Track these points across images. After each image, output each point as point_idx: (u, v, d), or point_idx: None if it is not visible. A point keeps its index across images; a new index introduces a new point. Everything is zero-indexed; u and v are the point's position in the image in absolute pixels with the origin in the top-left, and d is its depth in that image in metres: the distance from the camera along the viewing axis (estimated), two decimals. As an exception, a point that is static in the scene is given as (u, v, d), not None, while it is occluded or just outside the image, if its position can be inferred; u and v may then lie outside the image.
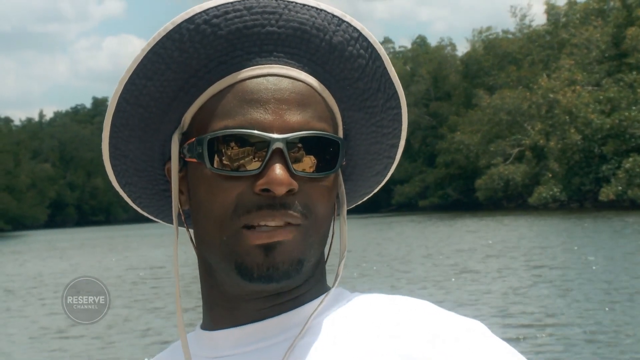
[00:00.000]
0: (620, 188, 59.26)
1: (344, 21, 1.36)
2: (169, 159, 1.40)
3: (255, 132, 1.30)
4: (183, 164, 1.38)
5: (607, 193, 60.36)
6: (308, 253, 1.33)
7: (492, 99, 78.61)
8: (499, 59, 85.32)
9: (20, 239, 77.10)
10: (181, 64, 1.34)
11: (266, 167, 1.29)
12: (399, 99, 1.42)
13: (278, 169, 1.28)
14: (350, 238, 1.46)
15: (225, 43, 1.33)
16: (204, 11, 1.32)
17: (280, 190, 1.28)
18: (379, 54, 1.38)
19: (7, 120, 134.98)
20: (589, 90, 66.30)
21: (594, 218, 46.83)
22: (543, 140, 70.42)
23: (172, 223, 1.45)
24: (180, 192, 1.40)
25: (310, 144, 1.33)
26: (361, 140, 1.44)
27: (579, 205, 65.89)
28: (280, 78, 1.34)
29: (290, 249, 1.30)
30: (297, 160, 1.31)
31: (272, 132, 1.30)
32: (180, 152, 1.38)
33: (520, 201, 74.32)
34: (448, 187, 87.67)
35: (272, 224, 1.30)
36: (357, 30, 1.37)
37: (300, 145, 1.32)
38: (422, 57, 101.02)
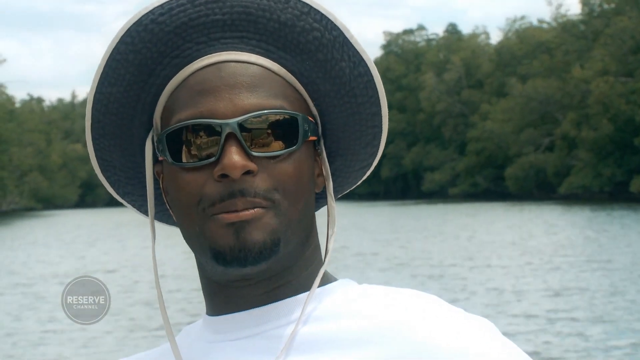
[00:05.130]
0: (651, 180, 58.83)
1: None
2: (156, 161, 1.40)
3: (204, 120, 1.30)
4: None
5: (638, 184, 59.89)
6: (285, 232, 1.31)
7: (524, 88, 78.26)
8: (532, 48, 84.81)
9: (53, 219, 77.65)
10: (137, 65, 1.35)
11: (222, 153, 1.28)
12: (367, 66, 1.38)
13: (231, 153, 1.27)
14: (377, 224, 1.42)
15: (175, 37, 1.34)
16: (150, 11, 1.34)
17: (236, 174, 1.27)
18: (335, 24, 1.36)
19: (39, 100, 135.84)
20: (622, 81, 65.77)
21: (625, 209, 46.47)
22: (574, 130, 70.00)
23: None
24: (166, 192, 1.40)
25: (269, 124, 1.31)
26: (336, 113, 1.40)
27: (609, 196, 65.45)
28: (230, 64, 1.33)
29: (261, 227, 1.29)
30: (258, 141, 1.30)
31: (225, 119, 1.30)
32: (156, 154, 1.39)
33: (550, 191, 73.94)
34: (478, 175, 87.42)
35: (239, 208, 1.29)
36: (307, 5, 1.34)
37: (260, 126, 1.31)
38: (455, 44, 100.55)
